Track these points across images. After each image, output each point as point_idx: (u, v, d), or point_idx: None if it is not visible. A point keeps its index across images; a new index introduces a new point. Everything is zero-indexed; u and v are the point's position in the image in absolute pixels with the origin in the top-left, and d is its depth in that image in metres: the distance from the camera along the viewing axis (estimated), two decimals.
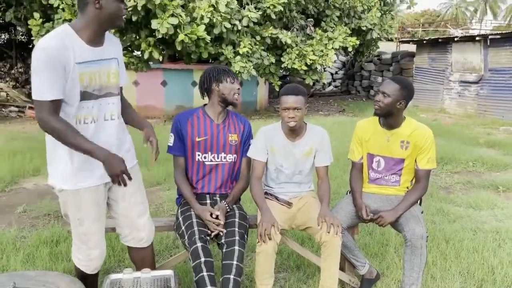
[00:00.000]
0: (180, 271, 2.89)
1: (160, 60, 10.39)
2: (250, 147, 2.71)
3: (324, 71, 17.16)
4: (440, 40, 13.49)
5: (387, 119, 2.67)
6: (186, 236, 2.38)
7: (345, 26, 11.96)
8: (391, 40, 17.76)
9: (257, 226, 2.48)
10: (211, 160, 2.65)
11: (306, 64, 10.88)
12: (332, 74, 19.81)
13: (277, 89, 11.03)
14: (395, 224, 2.64)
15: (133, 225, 2.28)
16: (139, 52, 9.86)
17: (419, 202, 2.75)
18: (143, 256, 2.36)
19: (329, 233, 2.39)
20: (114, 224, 2.36)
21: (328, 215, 2.46)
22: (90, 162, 2.02)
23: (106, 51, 2.05)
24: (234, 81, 2.60)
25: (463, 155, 6.62)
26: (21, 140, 7.41)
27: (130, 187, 2.17)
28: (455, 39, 12.81)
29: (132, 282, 2.00)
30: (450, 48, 13.09)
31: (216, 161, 2.65)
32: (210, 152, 2.64)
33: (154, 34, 8.94)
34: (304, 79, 11.55)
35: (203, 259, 2.24)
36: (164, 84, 11.54)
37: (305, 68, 10.89)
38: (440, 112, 13.07)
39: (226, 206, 2.56)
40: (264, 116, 11.67)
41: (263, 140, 2.66)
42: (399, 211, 2.59)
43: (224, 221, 2.47)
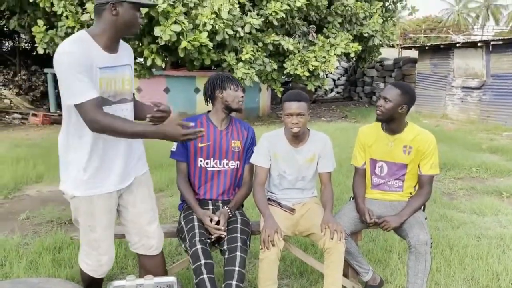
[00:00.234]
0: (183, 278, 2.88)
1: (163, 67, 10.44)
2: (253, 154, 2.71)
3: (326, 77, 17.19)
4: (442, 46, 13.50)
5: (389, 124, 2.67)
6: (187, 239, 2.38)
7: (347, 32, 11.99)
8: (393, 46, 17.79)
9: (260, 233, 2.48)
10: (213, 166, 2.65)
11: (309, 70, 10.90)
12: (334, 80, 19.83)
13: (279, 95, 11.06)
14: (399, 230, 2.63)
15: (142, 232, 2.27)
16: (142, 59, 9.92)
17: (422, 208, 2.74)
18: (154, 264, 2.34)
19: (332, 239, 2.39)
20: (123, 230, 2.34)
21: (331, 221, 2.45)
22: (104, 170, 2.03)
23: (121, 57, 2.07)
24: (237, 88, 2.61)
25: (466, 161, 6.60)
26: (24, 147, 7.43)
27: (141, 194, 2.20)
28: (457, 45, 12.82)
29: None
30: (452, 54, 13.09)
31: (218, 167, 2.66)
32: (213, 158, 2.64)
33: (157, 41, 8.98)
34: (306, 85, 11.57)
35: (203, 261, 2.24)
36: (167, 91, 11.58)
37: (307, 74, 10.90)
38: (442, 118, 13.05)
39: (228, 211, 2.56)
40: (266, 122, 11.68)
41: (266, 146, 2.66)
42: (404, 217, 2.58)
43: (225, 226, 2.47)
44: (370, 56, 14.47)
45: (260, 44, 10.42)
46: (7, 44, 16.38)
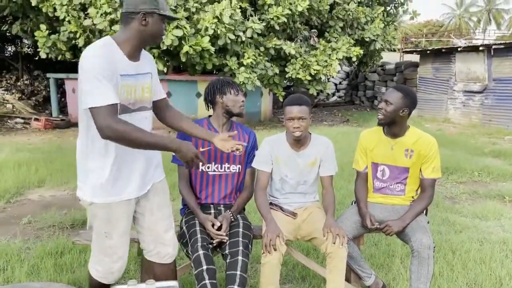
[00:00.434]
0: (185, 283, 2.88)
1: (165, 71, 10.47)
2: (254, 158, 2.71)
3: (328, 81, 17.20)
4: (443, 50, 13.51)
5: (391, 127, 2.68)
6: (189, 244, 2.38)
7: (348, 36, 12.01)
8: (395, 50, 17.81)
9: (261, 237, 2.47)
10: (215, 171, 2.65)
11: (310, 75, 10.92)
12: (336, 85, 19.83)
13: (281, 99, 11.07)
14: (401, 235, 2.62)
15: (158, 239, 2.25)
16: None
17: (425, 212, 2.73)
18: (167, 271, 2.31)
19: (334, 244, 2.38)
20: (136, 237, 2.33)
21: (333, 226, 2.45)
22: (124, 177, 2.04)
23: (142, 65, 2.09)
24: (238, 93, 2.61)
25: (468, 165, 6.59)
26: (26, 152, 7.44)
27: (158, 201, 2.21)
28: (459, 49, 12.82)
29: None
30: (454, 58, 13.09)
31: (219, 171, 2.66)
32: (214, 163, 2.64)
33: (158, 45, 9.01)
34: (308, 89, 11.59)
35: (205, 266, 2.24)
36: (168, 95, 11.59)
37: (309, 78, 10.92)
38: (444, 122, 13.04)
39: (231, 216, 2.56)
40: (268, 126, 11.68)
41: (268, 150, 2.66)
42: (406, 221, 2.58)
43: (228, 230, 2.46)
44: (372, 60, 14.49)
45: (262, 49, 10.44)
46: (9, 49, 16.46)
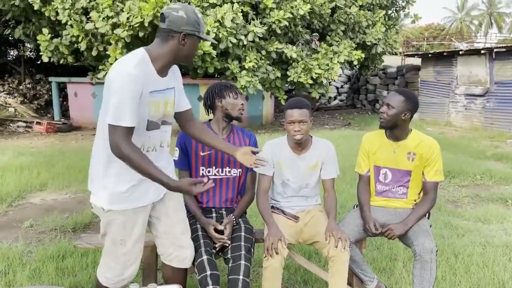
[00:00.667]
0: (187, 286, 2.86)
1: None
2: None
3: (330, 85, 17.20)
4: (445, 53, 13.51)
5: (393, 131, 2.68)
6: None
7: (350, 40, 12.03)
8: (396, 54, 17.81)
9: (263, 241, 2.47)
10: (215, 174, 2.65)
11: (312, 78, 10.92)
12: (337, 88, 19.85)
13: (283, 103, 11.06)
14: (403, 238, 2.61)
15: (177, 242, 2.25)
16: None
17: (427, 215, 2.73)
18: (180, 275, 2.31)
19: (336, 247, 2.37)
20: (155, 241, 2.31)
21: (335, 229, 2.44)
22: (144, 184, 2.03)
23: (169, 80, 2.10)
24: (237, 96, 2.62)
25: (470, 168, 6.57)
26: (28, 155, 7.45)
27: (173, 204, 2.22)
28: (460, 52, 12.82)
29: None
30: (456, 61, 13.09)
31: (220, 175, 2.66)
32: (215, 167, 2.64)
33: None
34: (310, 93, 11.59)
35: (209, 272, 2.23)
36: None
37: (310, 82, 10.92)
38: (446, 126, 13.02)
39: (234, 219, 2.55)
40: (270, 130, 11.67)
41: (269, 154, 2.66)
42: (409, 224, 2.57)
43: (230, 234, 2.46)
44: (373, 64, 14.50)
45: (263, 52, 10.46)
46: (12, 53, 16.50)
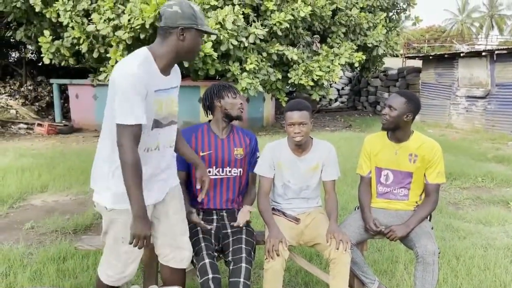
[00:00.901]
0: None
1: None
2: (257, 164, 2.71)
3: (331, 87, 17.21)
4: (446, 55, 13.51)
5: (395, 132, 2.68)
6: (193, 253, 2.37)
7: (351, 42, 12.03)
8: (397, 56, 17.81)
9: (264, 243, 2.47)
10: (216, 174, 2.65)
11: (313, 80, 10.92)
12: (338, 90, 19.85)
13: (283, 105, 11.06)
14: (405, 240, 2.61)
15: (175, 243, 2.25)
16: None
17: (429, 217, 2.72)
18: (178, 276, 2.31)
19: (338, 249, 2.37)
20: (154, 242, 2.30)
21: (336, 231, 2.44)
22: (148, 183, 2.03)
23: (172, 79, 2.10)
24: (235, 96, 2.63)
25: (472, 171, 6.56)
26: (29, 157, 7.46)
27: (173, 205, 2.21)
28: (461, 54, 12.82)
29: None
30: (457, 63, 13.09)
31: (221, 175, 2.66)
32: (215, 166, 2.65)
33: None
34: (310, 94, 11.59)
35: (211, 275, 2.23)
36: None
37: (311, 84, 10.92)
38: (447, 128, 13.01)
39: (249, 210, 2.63)
40: (270, 132, 11.67)
41: (270, 156, 2.66)
42: (411, 225, 2.57)
43: (248, 217, 2.54)
44: (374, 66, 14.50)
45: (264, 54, 10.46)
46: (13, 54, 16.53)
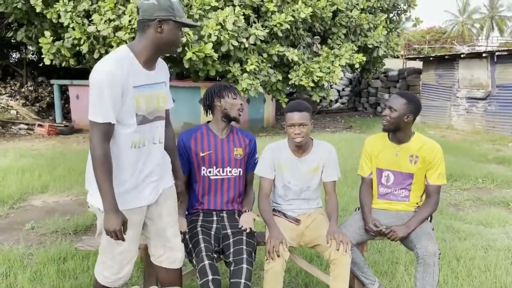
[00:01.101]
0: None
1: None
2: (257, 165, 2.72)
3: (331, 88, 17.20)
4: (446, 56, 13.50)
5: (395, 133, 2.68)
6: (193, 254, 2.37)
7: (351, 43, 12.03)
8: (398, 57, 17.81)
9: (265, 244, 2.47)
10: (216, 175, 2.66)
11: (313, 81, 10.93)
12: (339, 91, 19.86)
13: (284, 106, 11.06)
14: (406, 241, 2.61)
15: (168, 244, 2.25)
16: None
17: (429, 219, 2.72)
18: (174, 277, 2.31)
19: (338, 250, 2.37)
20: (147, 242, 2.32)
21: (337, 232, 2.44)
22: (139, 185, 2.04)
23: (158, 74, 2.09)
24: (236, 96, 2.63)
25: (472, 172, 6.56)
26: (30, 158, 7.46)
27: (167, 206, 2.20)
28: (462, 55, 12.82)
29: None
30: (457, 64, 13.09)
31: (221, 175, 2.66)
32: (215, 167, 2.65)
33: None
34: (311, 96, 11.59)
35: (210, 277, 2.22)
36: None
37: (312, 85, 10.92)
38: (448, 129, 13.00)
39: (246, 211, 2.69)
40: (271, 133, 11.67)
41: (270, 157, 2.66)
42: (411, 226, 2.57)
43: (253, 226, 2.56)
44: (375, 67, 14.50)
45: (265, 55, 10.46)
46: (14, 55, 16.56)
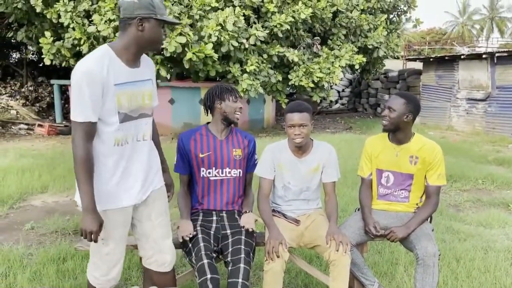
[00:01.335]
0: None
1: (168, 78, 10.50)
2: (257, 165, 2.72)
3: (331, 88, 17.21)
4: (446, 57, 13.50)
5: (395, 134, 2.69)
6: (192, 253, 2.37)
7: (351, 44, 12.03)
8: (398, 58, 17.81)
9: (264, 244, 2.47)
10: (216, 175, 2.67)
11: (313, 82, 10.92)
12: (339, 92, 19.86)
13: (284, 106, 11.06)
14: (405, 242, 2.61)
15: (156, 246, 2.24)
16: None
17: (429, 219, 2.72)
18: (166, 279, 2.30)
19: (337, 251, 2.37)
20: (136, 243, 2.31)
21: (336, 233, 2.44)
22: (124, 185, 2.04)
23: (143, 72, 2.09)
24: (236, 99, 2.64)
25: (472, 173, 6.56)
26: (29, 158, 7.46)
27: (156, 208, 2.20)
28: (462, 56, 12.82)
29: None
30: (457, 65, 13.09)
31: (220, 176, 2.67)
32: (215, 168, 2.66)
33: (162, 52, 9.05)
34: (311, 96, 11.59)
35: (209, 275, 2.23)
36: (172, 102, 11.62)
37: (312, 85, 10.92)
38: (447, 130, 13.01)
39: (246, 212, 2.68)
40: (271, 133, 11.67)
41: (270, 157, 2.66)
42: (411, 227, 2.57)
43: (254, 227, 2.55)
44: (375, 68, 14.50)
45: (265, 56, 10.47)
46: (14, 55, 16.56)
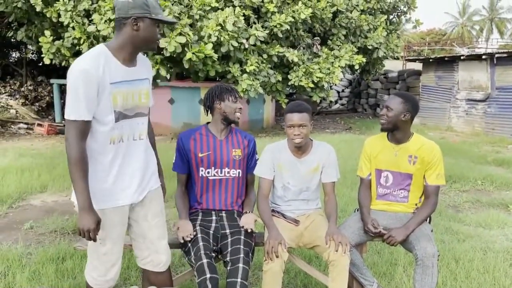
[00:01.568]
0: None
1: (168, 78, 10.49)
2: (256, 165, 2.72)
3: (331, 89, 17.21)
4: (446, 58, 13.52)
5: (394, 133, 2.70)
6: (192, 253, 2.37)
7: (351, 44, 12.03)
8: (397, 58, 17.82)
9: (264, 244, 2.47)
10: (214, 175, 2.67)
11: (313, 82, 10.92)
12: (338, 92, 19.86)
13: (284, 106, 11.06)
14: (405, 243, 2.61)
15: (152, 247, 2.24)
16: None
17: (428, 220, 2.72)
18: (162, 279, 2.30)
19: (337, 251, 2.37)
20: (132, 244, 2.30)
21: (336, 233, 2.44)
22: (121, 184, 2.04)
23: (139, 71, 2.09)
24: (236, 100, 2.64)
25: (471, 173, 6.56)
26: (29, 157, 7.46)
27: (153, 208, 2.20)
28: (462, 57, 12.83)
29: None
30: (457, 66, 13.10)
31: (219, 176, 2.67)
32: (214, 167, 2.66)
33: (162, 52, 9.04)
34: (311, 96, 11.58)
35: (208, 275, 2.23)
36: (171, 101, 11.62)
37: (311, 85, 10.92)
38: (447, 131, 13.01)
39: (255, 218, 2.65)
40: (270, 134, 11.67)
41: (270, 157, 2.66)
42: (410, 228, 2.57)
43: (254, 227, 2.54)
44: (374, 68, 14.49)
45: (265, 56, 10.46)
46: (14, 55, 16.54)
